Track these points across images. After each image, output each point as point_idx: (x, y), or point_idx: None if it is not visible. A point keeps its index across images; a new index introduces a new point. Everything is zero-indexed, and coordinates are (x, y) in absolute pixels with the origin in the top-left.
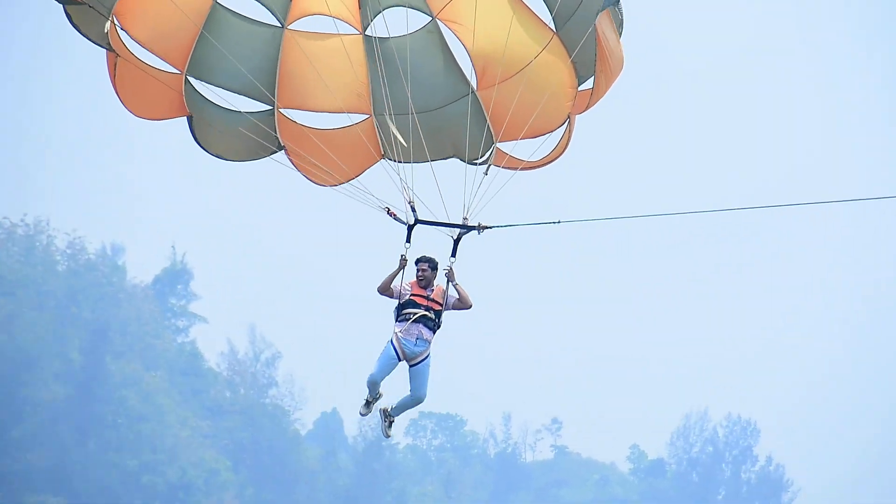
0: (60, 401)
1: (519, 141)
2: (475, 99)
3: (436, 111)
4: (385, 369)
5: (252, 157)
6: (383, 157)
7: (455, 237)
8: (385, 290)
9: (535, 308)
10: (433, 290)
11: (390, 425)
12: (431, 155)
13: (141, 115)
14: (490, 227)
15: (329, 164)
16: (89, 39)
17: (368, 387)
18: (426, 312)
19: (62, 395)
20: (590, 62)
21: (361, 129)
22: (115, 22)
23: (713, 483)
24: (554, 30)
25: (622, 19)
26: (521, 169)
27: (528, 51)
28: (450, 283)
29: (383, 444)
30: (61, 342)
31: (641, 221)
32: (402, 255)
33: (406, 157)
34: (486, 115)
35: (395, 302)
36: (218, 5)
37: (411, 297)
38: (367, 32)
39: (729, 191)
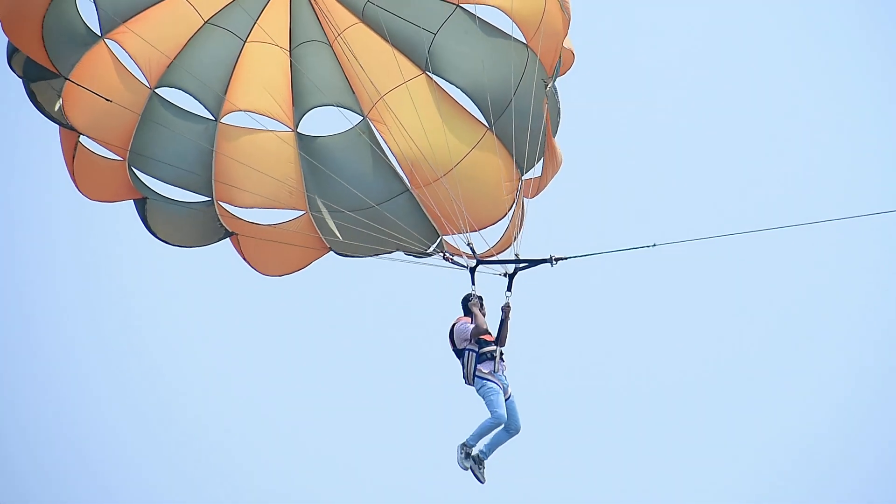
0: None
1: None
2: (410, 197)
3: (370, 209)
4: (504, 404)
5: (202, 244)
6: (330, 249)
7: (511, 272)
8: (486, 333)
9: None
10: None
11: (483, 469)
12: (374, 249)
13: (95, 197)
14: (566, 259)
15: (273, 256)
16: (52, 119)
17: (484, 431)
18: (499, 347)
19: None
20: (533, 152)
21: (299, 224)
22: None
23: None
24: (487, 125)
25: (559, 108)
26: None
27: (456, 151)
28: (502, 319)
29: None
30: None
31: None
32: (480, 297)
33: (350, 251)
34: (424, 211)
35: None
36: (155, 96)
37: (481, 338)
38: (299, 130)
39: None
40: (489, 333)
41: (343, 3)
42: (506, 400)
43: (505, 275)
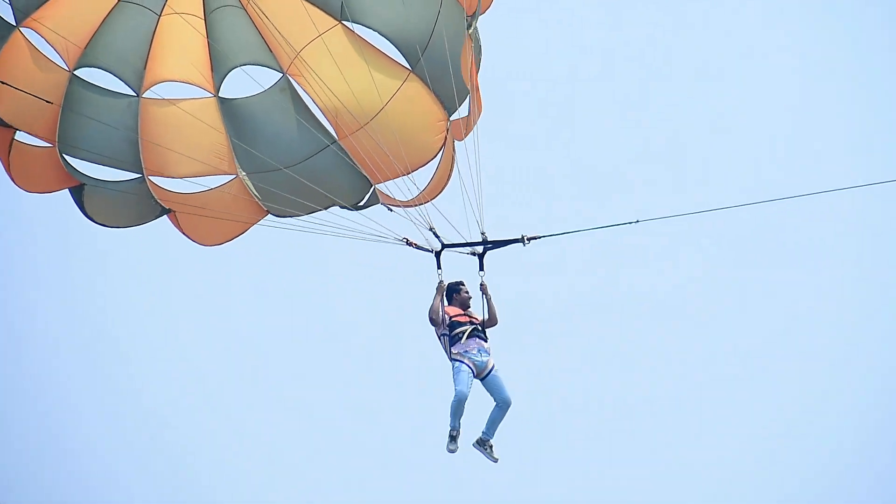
0: None
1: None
2: (339, 148)
3: (300, 165)
4: (469, 384)
5: (140, 222)
6: (266, 212)
7: (480, 252)
8: (436, 315)
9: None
10: (469, 308)
11: (492, 449)
12: (309, 207)
13: (32, 189)
14: (539, 238)
15: (211, 225)
16: None
17: (454, 412)
18: (474, 326)
19: None
20: (458, 91)
21: (232, 188)
22: None
23: None
24: (409, 68)
25: (481, 45)
26: (412, 206)
27: (380, 96)
28: (483, 298)
29: None
30: None
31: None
32: (440, 281)
33: (285, 211)
34: (353, 161)
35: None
36: (76, 78)
37: (453, 320)
38: (221, 94)
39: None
40: (439, 318)
41: None
42: (486, 376)
43: (473, 254)
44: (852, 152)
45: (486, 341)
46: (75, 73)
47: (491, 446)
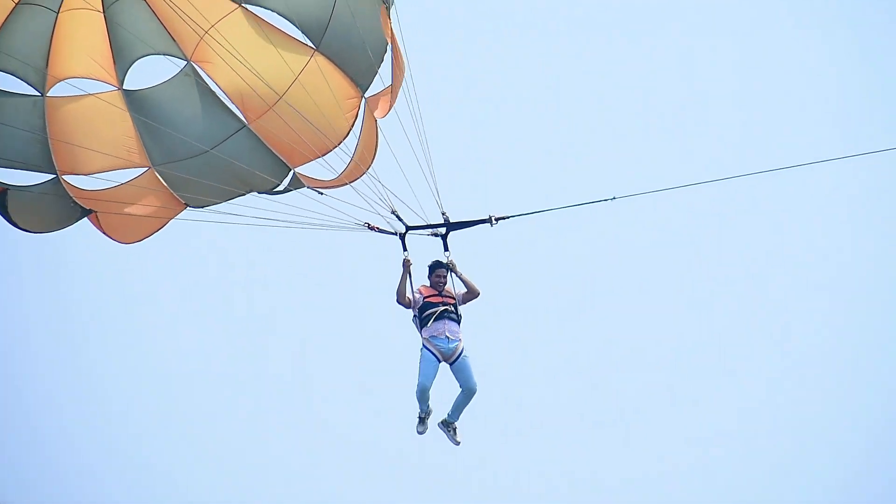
0: None
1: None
2: (249, 132)
3: (211, 152)
4: (431, 373)
5: (63, 225)
6: (185, 204)
7: (443, 234)
8: (403, 297)
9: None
10: (444, 290)
11: (455, 432)
12: (227, 193)
13: None
14: (508, 217)
15: (130, 221)
16: None
17: (419, 399)
18: (446, 307)
19: None
20: (369, 66)
21: (146, 181)
22: None
23: None
24: (313, 46)
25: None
26: (337, 186)
27: (284, 76)
28: (455, 276)
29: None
30: None
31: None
32: (405, 260)
33: (203, 200)
34: (267, 145)
35: (410, 313)
36: None
37: (426, 301)
38: (125, 86)
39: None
40: (406, 299)
41: None
42: (454, 362)
43: (436, 235)
44: (833, 131)
45: (458, 322)
46: None
47: (455, 429)
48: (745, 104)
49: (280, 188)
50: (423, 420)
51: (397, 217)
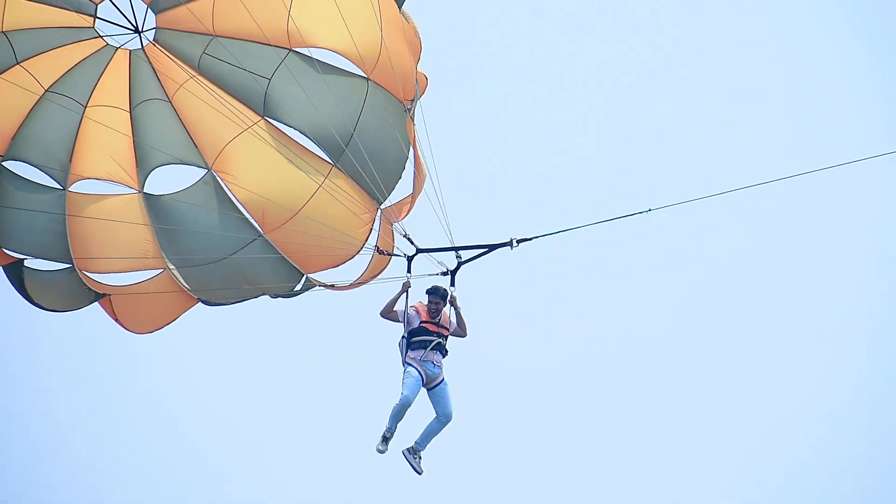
0: None
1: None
2: (265, 242)
3: (227, 259)
4: (416, 390)
5: (76, 307)
6: (198, 300)
7: (453, 269)
8: (388, 313)
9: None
10: (440, 317)
11: (420, 460)
12: (238, 296)
13: None
14: (529, 240)
15: (143, 313)
16: None
17: (396, 415)
18: (441, 340)
19: None
20: (386, 181)
21: (160, 280)
22: None
23: None
24: (332, 162)
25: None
26: (351, 289)
27: (302, 192)
28: (453, 310)
29: None
30: None
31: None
32: (406, 282)
33: (216, 300)
34: (281, 253)
35: (394, 326)
36: (3, 169)
37: (422, 325)
38: (146, 190)
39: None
40: (394, 314)
41: (180, 57)
42: (434, 387)
43: (445, 273)
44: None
45: (444, 356)
46: (3, 163)
47: (420, 457)
48: (768, 111)
49: (297, 291)
50: (387, 440)
51: (408, 240)
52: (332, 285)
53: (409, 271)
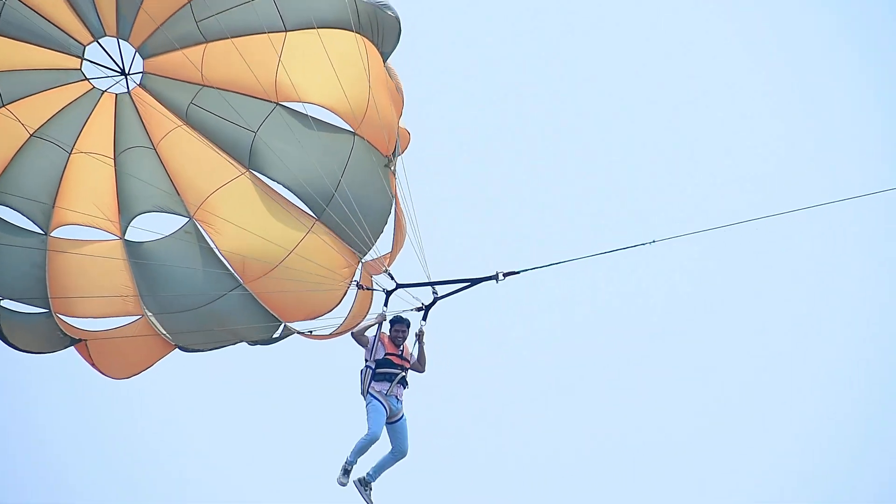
0: None
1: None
2: (244, 291)
3: (205, 307)
4: (381, 426)
5: (52, 350)
6: (175, 346)
7: (428, 304)
8: (360, 336)
9: None
10: (403, 349)
11: (371, 492)
12: (216, 343)
13: None
14: (516, 273)
15: (120, 359)
16: None
17: (361, 448)
18: (404, 374)
19: None
20: (368, 236)
21: (138, 326)
22: None
23: None
24: (315, 216)
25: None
26: (328, 339)
27: (283, 245)
28: (417, 344)
29: None
30: None
31: None
32: (382, 314)
33: (194, 347)
34: (261, 303)
35: (357, 349)
36: None
37: (387, 357)
38: (127, 237)
39: None
40: (364, 339)
41: (167, 106)
42: (395, 422)
43: (420, 309)
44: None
45: (405, 388)
46: None
47: (371, 489)
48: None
49: (274, 339)
50: (348, 472)
51: (389, 276)
52: (311, 332)
53: (385, 305)
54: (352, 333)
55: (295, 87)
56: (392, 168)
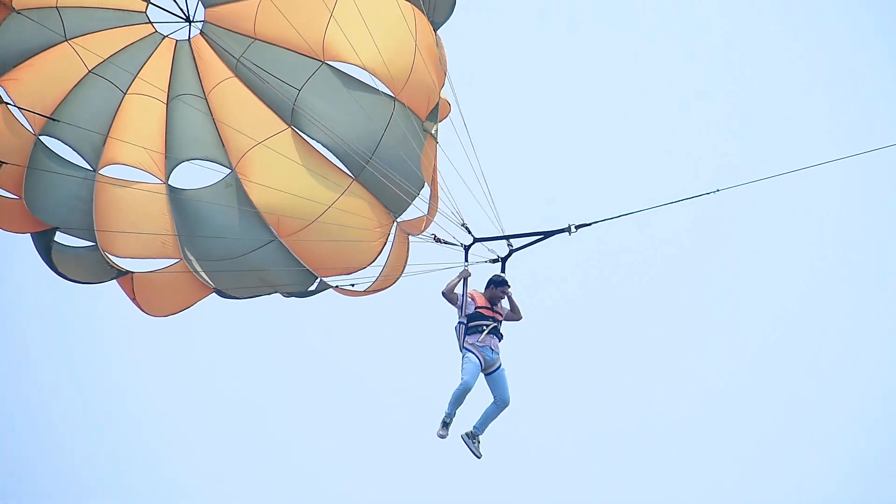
0: None
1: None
2: (280, 245)
3: (240, 258)
4: (476, 374)
5: (99, 280)
6: (214, 289)
7: (503, 257)
8: (450, 293)
9: None
10: (497, 304)
11: (479, 444)
12: (252, 292)
13: (6, 228)
14: (588, 225)
15: (161, 297)
16: None
17: (456, 399)
18: (496, 324)
19: None
20: (404, 196)
21: (178, 269)
22: None
23: None
24: (352, 176)
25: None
26: (362, 295)
27: (320, 202)
28: (507, 297)
29: None
30: None
31: None
32: (465, 270)
33: (231, 293)
34: (296, 257)
35: (451, 309)
36: (39, 143)
37: (478, 310)
38: (171, 182)
39: None
40: (454, 296)
41: (221, 56)
42: (492, 372)
43: (495, 260)
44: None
45: (500, 340)
46: (40, 138)
47: (479, 441)
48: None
49: (310, 290)
50: (447, 425)
51: (466, 229)
52: (352, 286)
53: (466, 260)
54: (443, 291)
55: (342, 47)
56: (434, 134)
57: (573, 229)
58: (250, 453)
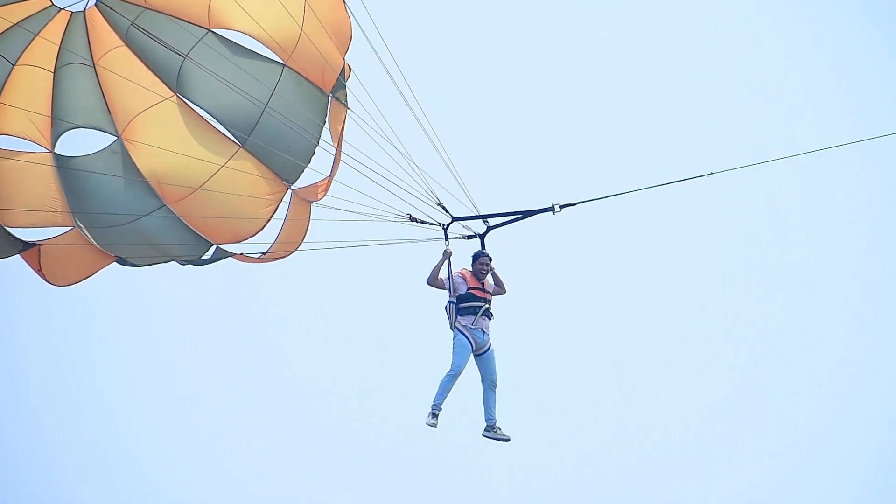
0: None
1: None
2: (169, 212)
3: (128, 226)
4: (466, 358)
5: (7, 255)
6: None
7: (482, 233)
8: (435, 280)
9: None
10: (484, 283)
11: (500, 430)
12: (147, 261)
13: None
14: (572, 205)
15: (61, 267)
16: None
17: (446, 385)
18: (488, 306)
19: None
20: (295, 162)
21: (69, 240)
22: None
23: None
24: (238, 143)
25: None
26: (263, 262)
27: (205, 168)
28: (492, 273)
29: None
30: None
31: None
32: (447, 250)
33: (130, 261)
34: (186, 223)
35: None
36: None
37: (470, 291)
38: (57, 150)
39: None
40: (439, 282)
41: (112, 27)
42: (482, 353)
43: (472, 237)
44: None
45: (490, 319)
46: None
47: (498, 428)
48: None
49: (203, 259)
50: (436, 415)
51: (443, 208)
52: (242, 254)
53: (446, 239)
54: (427, 280)
55: (227, 14)
56: (342, 100)
57: (557, 209)
58: (215, 449)
